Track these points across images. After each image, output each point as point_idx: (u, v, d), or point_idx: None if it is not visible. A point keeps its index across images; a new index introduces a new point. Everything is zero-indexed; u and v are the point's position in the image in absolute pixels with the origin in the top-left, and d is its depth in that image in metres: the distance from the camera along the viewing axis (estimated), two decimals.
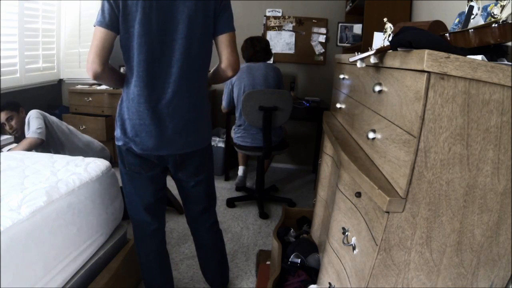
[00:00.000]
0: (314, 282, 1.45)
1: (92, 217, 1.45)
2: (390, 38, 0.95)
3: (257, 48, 2.65)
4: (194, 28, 1.20)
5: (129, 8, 1.15)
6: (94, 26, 1.17)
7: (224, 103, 2.76)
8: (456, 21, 1.19)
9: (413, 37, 0.81)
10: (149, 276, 1.52)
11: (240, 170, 3.11)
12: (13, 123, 2.28)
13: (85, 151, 2.34)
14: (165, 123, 1.25)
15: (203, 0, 1.19)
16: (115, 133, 1.32)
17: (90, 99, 3.35)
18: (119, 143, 1.31)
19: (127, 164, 1.34)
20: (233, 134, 2.73)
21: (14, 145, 2.29)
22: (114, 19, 1.16)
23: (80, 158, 1.70)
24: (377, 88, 0.97)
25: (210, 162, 1.49)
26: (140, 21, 1.15)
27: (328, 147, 1.64)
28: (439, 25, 1.21)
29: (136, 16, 1.15)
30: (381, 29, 1.08)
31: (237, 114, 2.67)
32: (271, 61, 3.45)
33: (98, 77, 1.20)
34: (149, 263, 1.49)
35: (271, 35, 3.53)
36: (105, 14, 1.14)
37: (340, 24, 3.43)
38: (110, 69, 1.23)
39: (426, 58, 0.71)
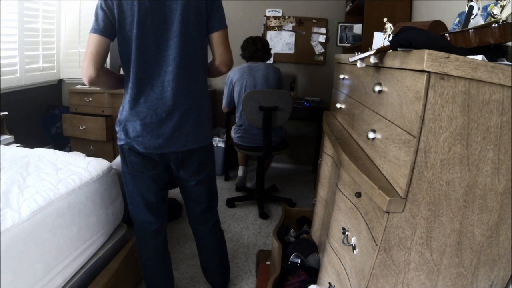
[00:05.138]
0: (314, 282, 1.45)
1: (92, 217, 1.45)
2: (390, 38, 0.95)
3: (258, 46, 2.66)
4: (188, 25, 1.23)
5: (125, 13, 1.17)
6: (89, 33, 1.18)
7: (224, 103, 2.76)
8: (456, 21, 1.19)
9: (413, 37, 0.81)
10: (150, 276, 1.52)
11: (240, 170, 3.11)
12: None
13: None
14: (166, 121, 1.26)
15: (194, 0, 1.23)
16: (117, 134, 1.34)
17: (90, 99, 3.34)
18: (121, 142, 1.32)
19: (129, 164, 1.35)
20: (233, 134, 2.73)
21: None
22: (109, 26, 1.18)
23: (82, 156, 1.70)
24: (377, 88, 0.97)
25: (211, 162, 1.49)
26: (137, 24, 1.18)
27: (328, 147, 1.64)
28: (439, 25, 1.21)
29: (133, 19, 1.18)
30: (381, 29, 1.08)
31: (237, 114, 2.67)
32: (271, 61, 3.45)
33: (94, 83, 1.21)
34: (150, 262, 1.49)
35: (271, 35, 3.53)
36: (99, 21, 1.16)
37: (340, 24, 3.43)
38: (106, 73, 1.24)
39: (426, 58, 0.71)
